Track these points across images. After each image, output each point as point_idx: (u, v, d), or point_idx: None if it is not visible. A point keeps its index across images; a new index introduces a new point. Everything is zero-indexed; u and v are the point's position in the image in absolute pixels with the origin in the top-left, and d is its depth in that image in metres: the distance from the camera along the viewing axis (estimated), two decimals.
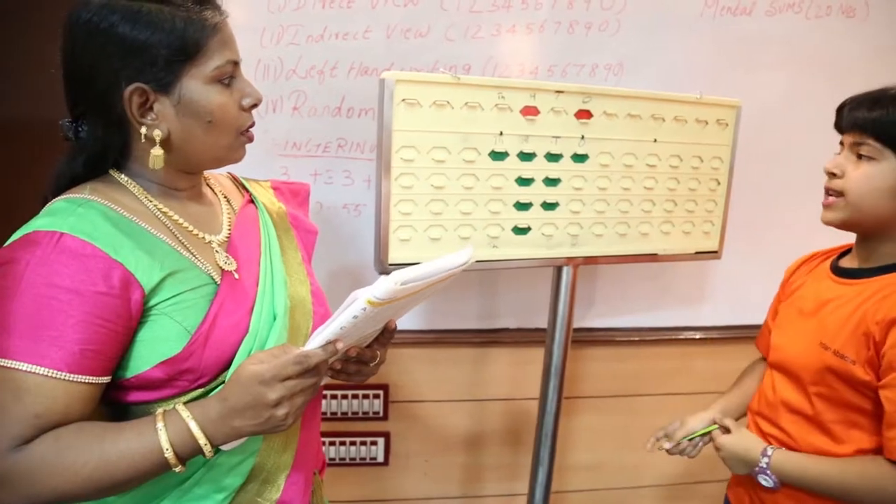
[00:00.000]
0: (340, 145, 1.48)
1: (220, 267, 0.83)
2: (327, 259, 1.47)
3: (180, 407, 0.72)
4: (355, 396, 1.63)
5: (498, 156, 1.24)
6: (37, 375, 0.68)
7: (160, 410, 0.73)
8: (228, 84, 0.80)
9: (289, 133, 1.45)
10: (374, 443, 1.67)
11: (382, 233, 1.19)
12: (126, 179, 0.81)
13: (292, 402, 0.71)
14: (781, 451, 1.04)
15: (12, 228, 0.74)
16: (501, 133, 1.23)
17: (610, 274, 1.67)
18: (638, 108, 1.33)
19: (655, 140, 1.37)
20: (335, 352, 0.73)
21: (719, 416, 1.17)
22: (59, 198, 0.77)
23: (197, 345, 0.76)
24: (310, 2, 1.39)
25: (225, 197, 0.94)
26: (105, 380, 0.73)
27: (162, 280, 0.75)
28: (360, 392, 1.63)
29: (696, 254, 1.50)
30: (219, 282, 0.81)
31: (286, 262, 0.92)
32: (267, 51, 1.40)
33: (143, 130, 0.77)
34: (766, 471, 1.04)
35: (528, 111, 1.24)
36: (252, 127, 0.85)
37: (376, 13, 1.42)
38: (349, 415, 1.64)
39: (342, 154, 1.48)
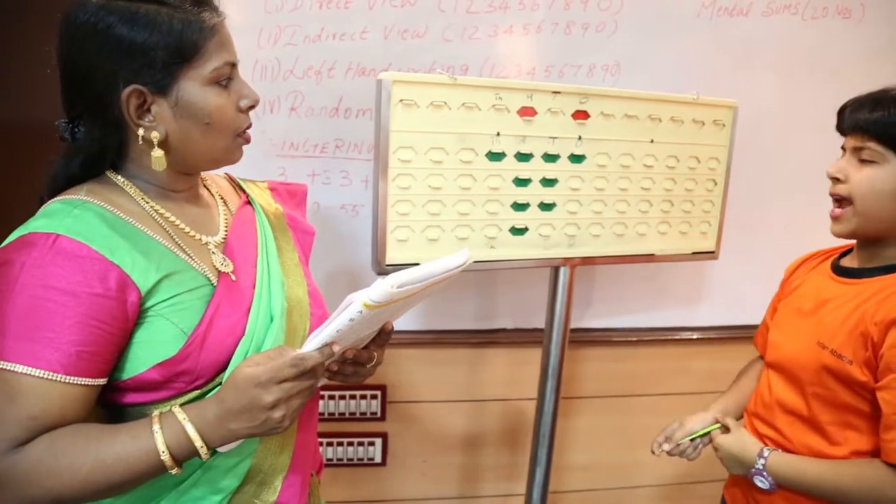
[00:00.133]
0: (338, 146, 1.47)
1: (217, 268, 0.83)
2: (325, 260, 1.46)
3: (177, 409, 0.72)
4: (353, 397, 1.63)
5: (495, 156, 1.24)
6: (32, 377, 0.68)
7: (156, 412, 0.73)
8: (226, 85, 0.80)
9: (286, 133, 1.45)
10: (372, 443, 1.67)
11: (380, 233, 1.19)
12: (123, 181, 0.81)
13: (289, 405, 0.71)
14: (778, 454, 1.04)
15: (9, 229, 0.74)
16: (499, 134, 1.23)
17: (607, 274, 1.67)
18: (635, 109, 1.33)
19: (652, 141, 1.37)
20: (332, 354, 0.73)
21: (721, 416, 1.16)
22: (56, 199, 0.77)
23: (193, 346, 0.76)
24: (307, 2, 1.39)
25: (222, 198, 0.94)
26: (101, 381, 0.73)
27: (158, 282, 0.75)
28: (358, 392, 1.63)
29: (693, 254, 1.50)
30: (215, 283, 0.81)
31: (283, 264, 0.92)
32: (264, 51, 1.40)
33: (141, 132, 0.76)
34: (762, 472, 1.03)
35: (526, 112, 1.24)
36: (249, 128, 0.85)
37: (373, 14, 1.41)
38: (346, 415, 1.64)
39: (340, 154, 1.48)
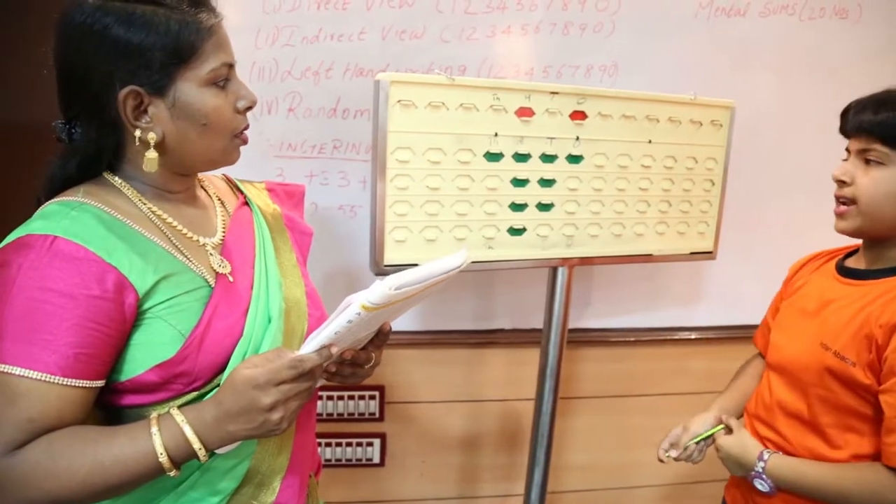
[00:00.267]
0: (336, 146, 1.47)
1: (215, 270, 0.82)
2: (323, 261, 1.46)
3: (175, 411, 0.72)
4: (351, 397, 1.63)
5: (493, 157, 1.24)
6: (30, 380, 0.68)
7: (154, 414, 0.73)
8: (223, 86, 0.80)
9: (284, 134, 1.45)
10: (371, 444, 1.67)
11: (378, 234, 1.18)
12: (120, 182, 0.80)
13: (287, 407, 0.71)
14: (778, 456, 1.03)
15: (8, 230, 0.74)
16: (496, 134, 1.23)
17: (605, 274, 1.68)
18: (632, 109, 1.33)
19: (650, 141, 1.37)
20: (330, 356, 0.73)
21: (725, 416, 1.15)
22: (53, 200, 0.76)
23: (191, 348, 0.75)
24: (305, 3, 1.39)
25: (219, 199, 0.94)
26: (99, 384, 0.73)
27: (156, 283, 0.75)
28: (356, 393, 1.63)
29: (691, 254, 1.50)
30: (213, 285, 0.81)
31: (281, 265, 0.92)
32: (262, 52, 1.39)
33: (138, 133, 0.76)
34: (762, 475, 1.03)
35: (523, 112, 1.24)
36: (247, 129, 0.85)
37: (371, 14, 1.41)
38: (345, 416, 1.64)
39: (337, 155, 1.48)
